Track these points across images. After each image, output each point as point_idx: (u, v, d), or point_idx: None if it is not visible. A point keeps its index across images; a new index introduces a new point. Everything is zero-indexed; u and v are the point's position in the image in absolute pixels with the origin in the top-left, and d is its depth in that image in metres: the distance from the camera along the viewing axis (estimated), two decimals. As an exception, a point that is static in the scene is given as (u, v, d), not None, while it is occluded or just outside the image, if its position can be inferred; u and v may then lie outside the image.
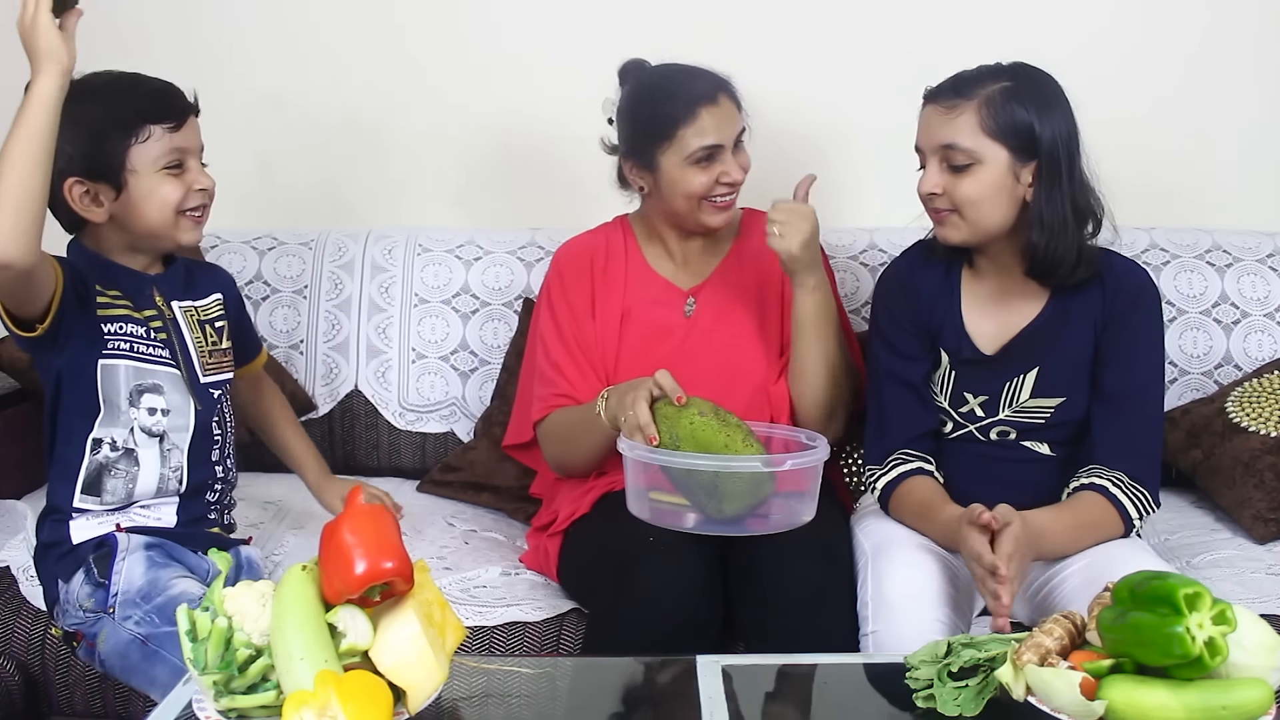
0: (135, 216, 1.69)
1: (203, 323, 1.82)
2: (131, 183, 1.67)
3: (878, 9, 2.51)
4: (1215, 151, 2.52)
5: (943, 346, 1.86)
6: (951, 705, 1.26)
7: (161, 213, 1.70)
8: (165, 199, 1.69)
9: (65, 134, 1.54)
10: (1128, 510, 1.73)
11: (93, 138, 1.64)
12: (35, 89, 1.50)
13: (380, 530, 1.25)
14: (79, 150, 1.63)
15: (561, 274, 2.06)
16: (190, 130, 1.73)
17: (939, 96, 1.76)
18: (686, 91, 1.92)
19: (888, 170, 2.22)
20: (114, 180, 1.67)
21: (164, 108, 1.70)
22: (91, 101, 1.64)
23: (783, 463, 1.70)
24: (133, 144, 1.67)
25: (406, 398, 2.43)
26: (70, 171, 1.64)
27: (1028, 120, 1.71)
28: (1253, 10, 2.48)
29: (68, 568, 1.71)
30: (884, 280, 1.95)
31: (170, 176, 1.69)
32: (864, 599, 1.70)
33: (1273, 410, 2.16)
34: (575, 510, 1.93)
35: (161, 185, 1.69)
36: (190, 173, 1.72)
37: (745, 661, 1.49)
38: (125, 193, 1.68)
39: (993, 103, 1.71)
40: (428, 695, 1.21)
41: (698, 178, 1.92)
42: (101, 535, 1.71)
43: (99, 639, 1.67)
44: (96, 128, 1.65)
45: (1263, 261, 2.36)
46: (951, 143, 1.73)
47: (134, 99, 1.69)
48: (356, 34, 2.59)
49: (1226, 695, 1.17)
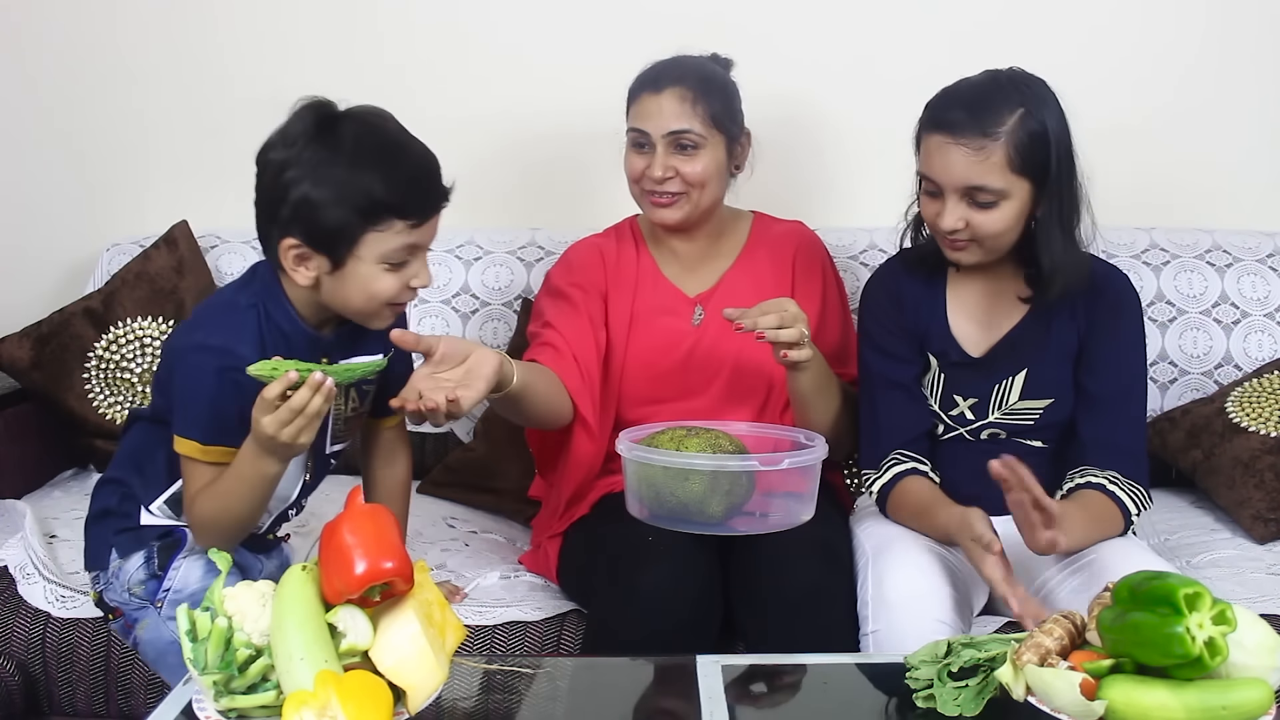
0: (340, 295, 1.55)
1: (351, 385, 1.66)
2: (351, 266, 1.52)
3: (877, 9, 2.51)
4: (1215, 152, 2.52)
5: (930, 350, 1.86)
6: (951, 705, 1.26)
7: (367, 304, 1.56)
8: (378, 293, 1.54)
9: (313, 186, 1.47)
10: (1127, 507, 1.74)
11: (327, 207, 1.49)
12: (264, 469, 1.49)
13: (380, 530, 1.25)
14: (312, 214, 1.49)
15: (576, 262, 2.04)
16: (431, 226, 1.56)
17: (958, 132, 1.68)
18: (647, 75, 1.94)
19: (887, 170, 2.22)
20: (335, 257, 1.52)
21: (416, 202, 1.53)
22: (349, 166, 1.49)
23: (780, 461, 1.70)
24: (370, 231, 1.50)
25: (406, 398, 2.42)
26: (292, 232, 1.51)
27: (1046, 149, 1.69)
28: (1252, 11, 2.48)
29: (128, 544, 1.65)
30: (869, 287, 1.94)
31: (391, 271, 1.54)
32: (864, 599, 1.70)
33: (1273, 410, 2.16)
34: (575, 511, 1.93)
35: (380, 278, 1.53)
36: (411, 268, 1.55)
37: (745, 661, 1.49)
38: (341, 271, 1.53)
39: (1018, 139, 1.67)
40: (428, 695, 1.21)
41: (631, 160, 1.93)
42: (171, 526, 1.66)
43: (139, 625, 1.65)
44: (337, 198, 1.48)
45: (1263, 261, 2.36)
46: (981, 185, 1.69)
47: (389, 182, 1.51)
48: (356, 34, 2.59)
49: (1226, 695, 1.17)
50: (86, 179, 2.66)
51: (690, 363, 1.96)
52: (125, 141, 2.64)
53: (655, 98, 1.90)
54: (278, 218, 1.51)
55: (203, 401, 1.54)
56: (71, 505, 2.20)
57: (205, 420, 1.54)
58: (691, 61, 1.96)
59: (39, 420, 2.40)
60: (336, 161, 1.49)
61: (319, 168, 1.48)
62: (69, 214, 2.68)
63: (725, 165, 1.95)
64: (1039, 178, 1.70)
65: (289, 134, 1.52)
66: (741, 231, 2.06)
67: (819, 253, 2.06)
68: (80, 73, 2.63)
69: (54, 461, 2.42)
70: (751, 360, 1.94)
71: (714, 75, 1.95)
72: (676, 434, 1.72)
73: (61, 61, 2.63)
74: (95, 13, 2.61)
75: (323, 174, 1.48)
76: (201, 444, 1.55)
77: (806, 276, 2.02)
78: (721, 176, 1.95)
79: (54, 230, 2.69)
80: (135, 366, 2.37)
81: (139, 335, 2.39)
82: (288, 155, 1.51)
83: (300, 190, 1.49)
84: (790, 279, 2.01)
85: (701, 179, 1.91)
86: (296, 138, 1.51)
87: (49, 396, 2.38)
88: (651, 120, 1.90)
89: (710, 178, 1.92)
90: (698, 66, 1.95)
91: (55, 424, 2.40)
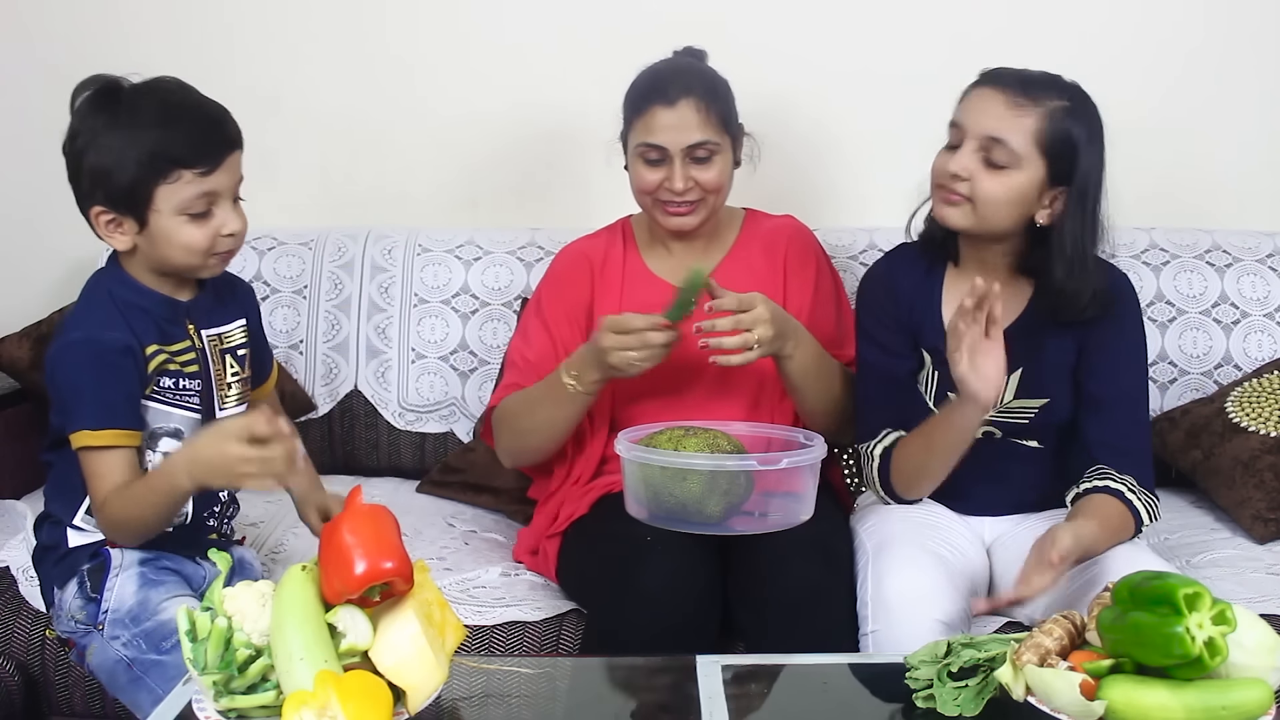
0: (157, 253, 1.61)
1: (225, 352, 1.72)
2: (154, 221, 1.58)
3: (876, 9, 2.51)
4: (1215, 151, 2.52)
5: (925, 347, 1.86)
6: (951, 705, 1.26)
7: (185, 256, 1.61)
8: (189, 244, 1.59)
9: (98, 152, 1.52)
10: (1140, 515, 1.74)
11: (120, 168, 1.55)
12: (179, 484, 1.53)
13: (380, 530, 1.25)
14: (105, 178, 1.55)
15: (560, 277, 2.06)
16: (226, 170, 1.59)
17: (1003, 85, 1.71)
18: (651, 85, 1.91)
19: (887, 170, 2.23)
20: (137, 215, 1.58)
21: (200, 150, 1.57)
22: (128, 126, 1.55)
23: (778, 461, 1.70)
24: (160, 184, 1.56)
25: (406, 398, 2.43)
26: (95, 199, 1.57)
27: (1075, 147, 1.70)
28: (1252, 10, 2.48)
29: (62, 574, 1.69)
30: (866, 281, 1.95)
31: (194, 221, 1.58)
32: (864, 599, 1.70)
33: (1273, 410, 2.16)
34: (574, 511, 1.93)
35: (184, 229, 1.58)
36: (217, 217, 1.60)
37: (745, 661, 1.49)
38: (148, 229, 1.58)
39: (1055, 116, 1.69)
40: (428, 695, 1.21)
41: (645, 174, 1.91)
42: (96, 544, 1.67)
43: (88, 651, 1.65)
44: (126, 158, 1.54)
45: (1263, 261, 2.36)
46: (1003, 139, 1.69)
47: (171, 136, 1.56)
48: (356, 34, 2.59)
49: (1226, 695, 1.17)
50: (86, 179, 2.66)
51: (683, 357, 1.96)
52: (125, 141, 2.64)
53: (670, 110, 1.87)
54: (81, 190, 1.58)
55: (85, 390, 1.58)
56: (71, 505, 2.20)
57: (91, 407, 1.58)
58: (688, 65, 1.95)
59: (39, 420, 2.39)
60: (117, 124, 1.55)
61: (102, 133, 1.54)
62: (69, 214, 2.63)
63: (732, 165, 1.96)
64: (1056, 167, 1.70)
65: (79, 109, 1.59)
66: (733, 228, 2.06)
67: (810, 243, 2.07)
68: (81, 72, 2.61)
69: (54, 462, 2.42)
70: None
71: (714, 77, 1.95)
72: (675, 434, 1.72)
73: (62, 61, 2.60)
74: (96, 12, 2.61)
75: (107, 138, 1.54)
76: (92, 429, 1.57)
77: (799, 267, 2.02)
78: (731, 176, 1.96)
79: (54, 230, 2.67)
80: (135, 366, 2.37)
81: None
82: (76, 125, 1.58)
83: (91, 158, 1.55)
84: (783, 271, 2.01)
85: (718, 185, 1.92)
86: (85, 110, 1.58)
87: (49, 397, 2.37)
88: (668, 134, 1.88)
89: (725, 181, 1.94)
90: (698, 72, 1.94)
91: (55, 424, 2.40)
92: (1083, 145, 1.70)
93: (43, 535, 1.74)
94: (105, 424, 1.57)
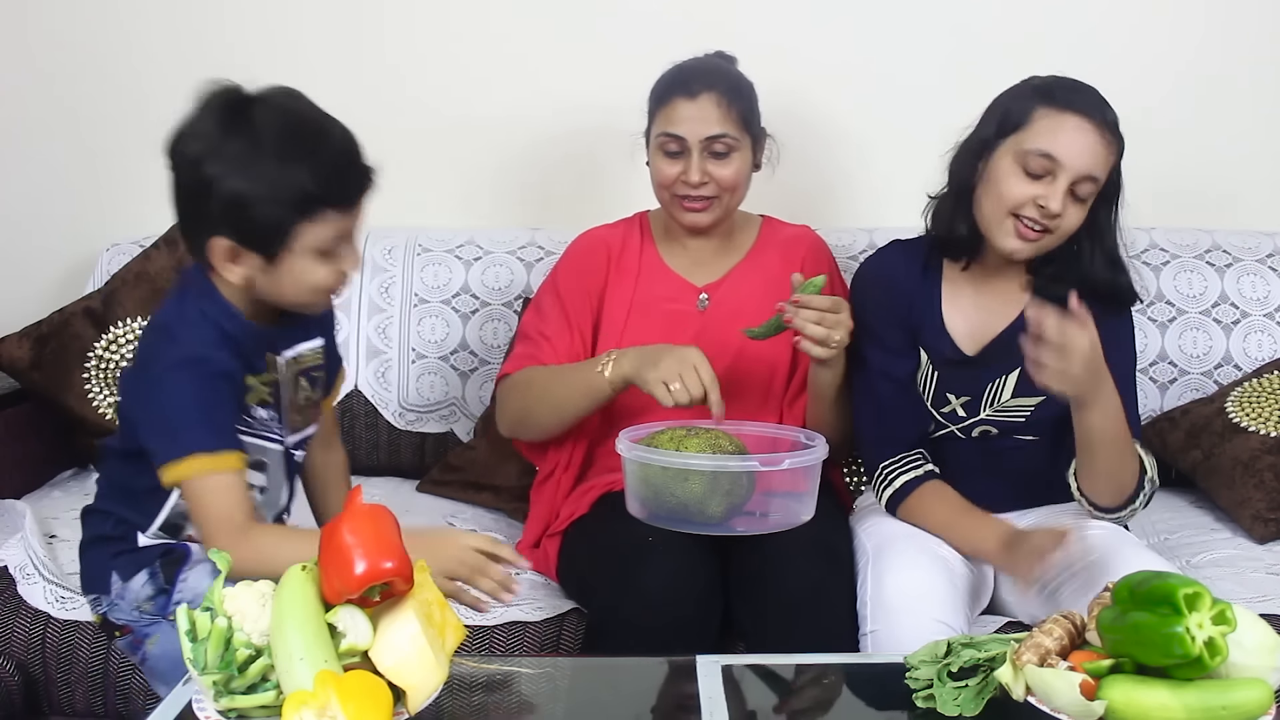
0: (275, 289, 1.50)
1: (300, 373, 1.63)
2: (284, 260, 1.46)
3: (877, 10, 2.51)
4: (1215, 151, 2.52)
5: (923, 345, 1.86)
6: (951, 705, 1.26)
7: (309, 295, 1.51)
8: (314, 284, 1.49)
9: (236, 183, 1.40)
10: (1146, 468, 1.74)
11: (262, 204, 1.42)
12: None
13: (380, 530, 1.24)
14: (242, 212, 1.42)
15: (579, 258, 2.06)
16: (359, 208, 1.50)
17: (1095, 118, 1.69)
18: (675, 78, 1.94)
19: (887, 170, 2.23)
20: (268, 253, 1.46)
21: (346, 188, 1.47)
22: (274, 159, 1.42)
23: (780, 461, 1.70)
24: (302, 223, 1.44)
25: (406, 398, 2.43)
26: (220, 230, 1.44)
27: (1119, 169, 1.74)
28: (1252, 11, 2.48)
29: (129, 566, 1.60)
30: (861, 279, 1.94)
31: (322, 260, 1.48)
32: (864, 599, 1.70)
33: (1273, 410, 2.16)
34: (574, 510, 1.93)
35: (314, 269, 1.48)
36: (343, 256, 1.50)
37: (745, 661, 1.49)
38: (275, 265, 1.47)
39: (1120, 140, 1.72)
40: (428, 695, 1.21)
41: (664, 166, 1.93)
42: (171, 544, 1.61)
43: (149, 640, 1.61)
44: (271, 195, 1.42)
45: (1263, 261, 2.37)
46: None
47: (317, 171, 1.43)
48: (356, 34, 2.59)
49: (1226, 695, 1.17)
50: (87, 178, 2.66)
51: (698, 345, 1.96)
52: (126, 141, 2.63)
53: (691, 103, 1.90)
54: (205, 216, 1.45)
55: (196, 412, 1.48)
56: (71, 505, 2.20)
57: (206, 428, 1.49)
58: (715, 64, 1.97)
59: (39, 420, 2.40)
60: (260, 154, 1.42)
61: (243, 162, 1.41)
62: (69, 214, 2.68)
63: (751, 166, 1.97)
64: (1109, 185, 1.73)
65: (200, 126, 1.45)
66: (751, 232, 2.08)
67: (826, 257, 2.08)
68: (81, 72, 2.63)
69: (54, 461, 2.42)
70: (755, 348, 1.95)
71: (740, 77, 1.97)
72: (676, 434, 1.72)
73: (62, 60, 2.63)
74: (97, 11, 2.61)
75: (249, 169, 1.41)
76: (211, 453, 1.47)
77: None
78: (749, 178, 1.97)
79: (54, 230, 2.69)
80: (135, 366, 2.37)
81: (139, 335, 2.39)
82: (205, 149, 1.43)
83: (227, 187, 1.41)
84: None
85: (734, 182, 1.93)
86: (211, 130, 1.44)
87: (49, 396, 2.38)
88: (687, 125, 1.90)
89: (742, 180, 1.94)
90: (724, 69, 1.96)
91: (55, 424, 2.40)
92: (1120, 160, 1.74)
93: (102, 526, 1.64)
94: (225, 446, 1.48)
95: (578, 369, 1.91)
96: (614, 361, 1.83)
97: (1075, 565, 1.70)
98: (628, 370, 1.81)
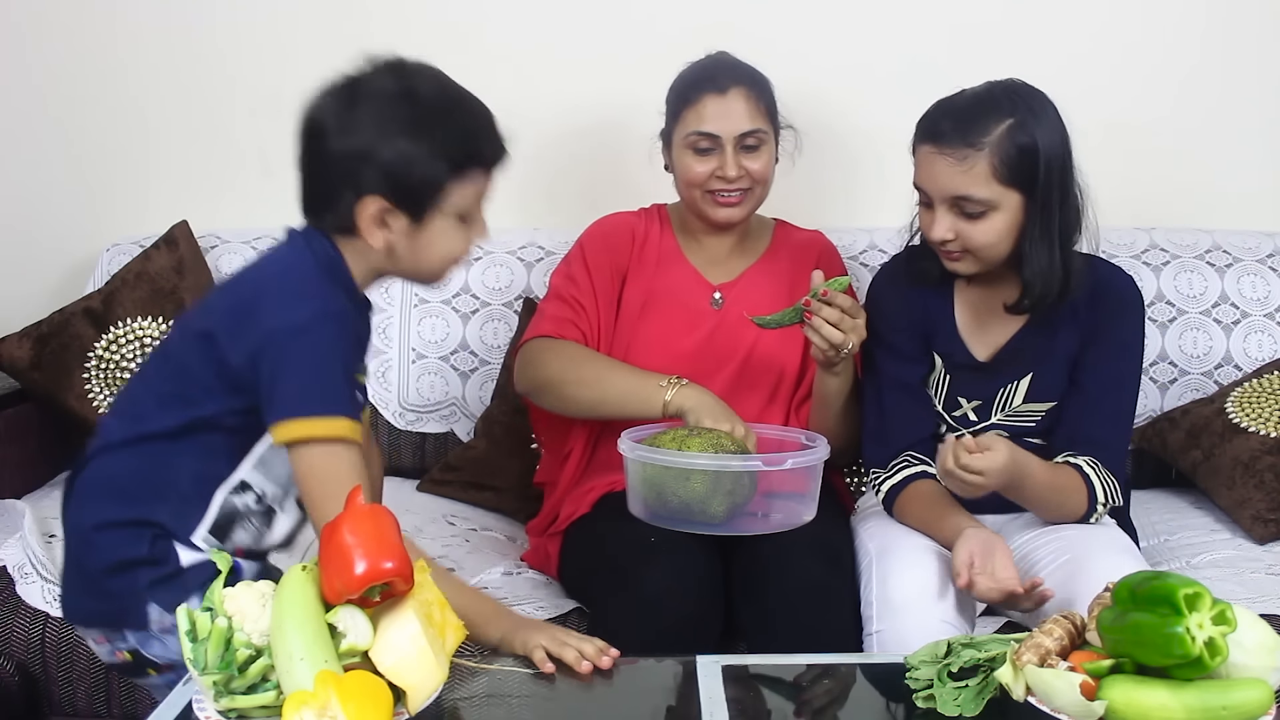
0: (412, 255, 1.48)
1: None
2: (430, 222, 1.45)
3: (878, 11, 2.51)
4: (1215, 152, 2.52)
5: (936, 351, 1.86)
6: (951, 705, 1.26)
7: (440, 264, 1.51)
8: (451, 249, 1.49)
9: (390, 140, 1.40)
10: (1096, 493, 1.74)
11: (421, 161, 1.42)
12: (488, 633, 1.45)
13: (380, 530, 1.24)
14: (402, 169, 1.42)
15: (605, 235, 2.07)
16: (494, 177, 1.51)
17: (943, 142, 1.68)
18: (702, 75, 1.95)
19: (887, 170, 2.22)
20: (418, 214, 1.45)
21: (494, 146, 1.49)
22: (434, 116, 1.44)
23: (783, 462, 1.70)
24: (453, 182, 1.45)
25: (406, 398, 2.43)
26: (374, 188, 1.42)
27: (1034, 159, 1.67)
28: (1253, 12, 2.48)
29: (172, 594, 1.41)
30: (877, 285, 1.95)
31: (462, 226, 1.48)
32: (868, 599, 1.70)
33: (1273, 410, 2.16)
34: (575, 510, 1.93)
35: (453, 234, 1.48)
36: (477, 224, 1.51)
37: (745, 661, 1.49)
38: (419, 228, 1.46)
39: (1003, 149, 1.66)
40: (428, 695, 1.21)
41: (694, 165, 1.94)
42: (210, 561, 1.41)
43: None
44: (431, 151, 1.43)
45: (1263, 261, 2.37)
46: (966, 195, 1.69)
47: (472, 127, 1.48)
48: (356, 34, 2.58)
49: (1226, 695, 1.17)
50: (87, 179, 2.66)
51: (709, 346, 1.98)
52: (125, 141, 2.64)
53: (721, 99, 1.91)
54: (357, 179, 1.42)
55: (340, 371, 1.42)
56: (71, 505, 2.20)
57: (348, 393, 1.42)
58: (734, 60, 1.99)
59: (39, 420, 2.41)
60: (424, 114, 1.44)
61: (410, 122, 1.43)
62: (69, 214, 2.68)
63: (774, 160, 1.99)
64: (1030, 189, 1.69)
65: (363, 93, 1.44)
66: (765, 234, 2.10)
67: (838, 262, 2.10)
68: (80, 72, 2.63)
69: (54, 461, 2.42)
70: (766, 349, 1.97)
71: (759, 72, 1.99)
72: (679, 434, 1.72)
73: (62, 61, 2.63)
74: (96, 12, 2.61)
75: (416, 128, 1.42)
76: (353, 420, 1.41)
77: None
78: (774, 172, 1.99)
79: (54, 230, 2.69)
80: (135, 367, 2.37)
81: (139, 335, 2.39)
82: (368, 113, 1.43)
83: (393, 147, 1.41)
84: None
85: (765, 174, 1.96)
86: (374, 95, 1.44)
87: (49, 396, 2.38)
88: (720, 121, 1.91)
89: (770, 173, 1.97)
90: (744, 65, 1.98)
91: (55, 424, 2.40)
92: (1041, 151, 1.67)
93: (128, 548, 1.44)
94: (353, 414, 1.42)
95: (638, 376, 1.89)
96: (678, 390, 1.82)
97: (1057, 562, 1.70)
98: (688, 404, 1.80)
